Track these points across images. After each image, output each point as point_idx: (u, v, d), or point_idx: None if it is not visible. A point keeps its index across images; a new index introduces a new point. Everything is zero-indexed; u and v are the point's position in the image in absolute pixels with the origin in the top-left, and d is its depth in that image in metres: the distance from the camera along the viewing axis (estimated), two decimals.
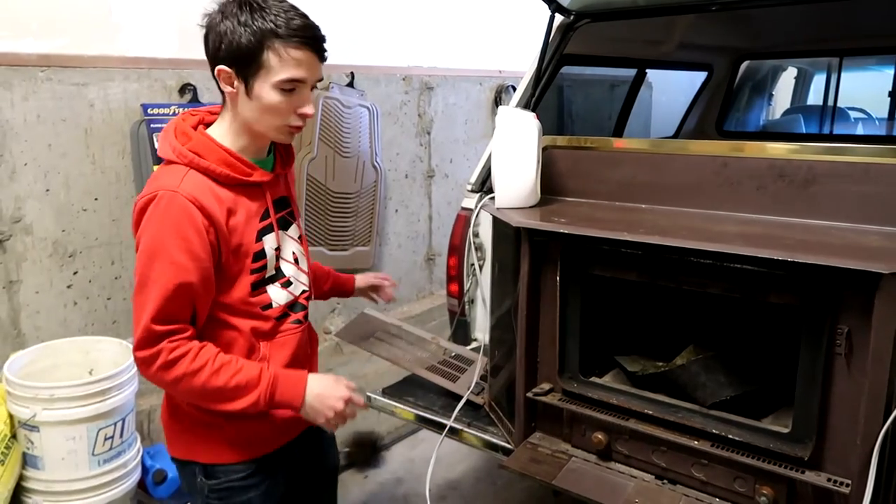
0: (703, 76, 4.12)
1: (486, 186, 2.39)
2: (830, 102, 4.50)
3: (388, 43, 3.68)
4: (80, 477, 2.21)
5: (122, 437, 2.29)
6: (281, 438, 1.55)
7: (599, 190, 2.10)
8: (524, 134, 1.99)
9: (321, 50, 1.38)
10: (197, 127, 1.45)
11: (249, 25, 1.31)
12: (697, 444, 1.58)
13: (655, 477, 1.67)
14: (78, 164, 2.55)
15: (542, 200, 2.04)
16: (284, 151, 1.57)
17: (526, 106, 2.32)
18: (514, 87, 4.14)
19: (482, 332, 2.38)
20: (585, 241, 1.69)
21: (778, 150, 1.81)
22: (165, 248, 1.32)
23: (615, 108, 3.88)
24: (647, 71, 3.66)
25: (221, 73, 1.36)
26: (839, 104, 4.49)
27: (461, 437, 2.00)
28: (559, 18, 2.41)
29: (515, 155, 1.98)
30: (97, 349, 2.43)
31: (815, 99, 5.24)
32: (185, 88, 2.77)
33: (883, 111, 4.49)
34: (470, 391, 2.05)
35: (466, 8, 4.05)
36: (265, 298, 1.47)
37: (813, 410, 1.43)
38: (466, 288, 2.46)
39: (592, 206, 2.05)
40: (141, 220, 1.36)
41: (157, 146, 1.58)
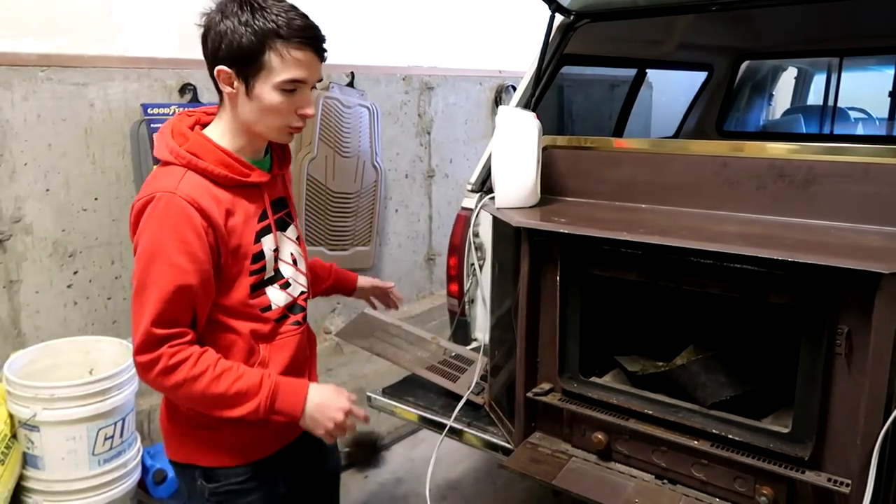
0: (703, 76, 4.12)
1: (486, 186, 2.39)
2: (830, 102, 4.50)
3: (388, 43, 3.68)
4: (80, 477, 2.21)
5: (122, 436, 2.29)
6: (281, 441, 1.54)
7: (599, 190, 2.10)
8: (524, 134, 1.99)
9: (322, 50, 1.37)
10: (193, 127, 1.43)
11: (250, 25, 1.30)
12: (697, 444, 1.58)
13: (655, 477, 1.67)
14: (78, 163, 2.55)
15: (542, 200, 2.04)
16: (281, 152, 1.56)
17: (526, 106, 2.32)
18: (514, 86, 4.14)
19: (482, 331, 2.38)
20: (585, 240, 1.69)
21: (778, 150, 1.81)
22: (164, 250, 1.30)
23: (615, 108, 3.88)
24: (647, 71, 3.65)
25: (221, 73, 1.34)
26: (839, 104, 4.49)
27: (461, 437, 2.00)
28: (559, 18, 2.41)
29: (515, 155, 1.98)
30: (97, 349, 2.44)
31: (815, 99, 5.24)
32: (185, 88, 2.77)
33: (883, 111, 4.50)
34: (470, 391, 2.05)
35: (466, 8, 4.06)
36: (264, 300, 1.46)
37: (813, 410, 1.43)
38: (466, 288, 2.46)
39: (592, 206, 2.05)
40: (139, 222, 1.34)
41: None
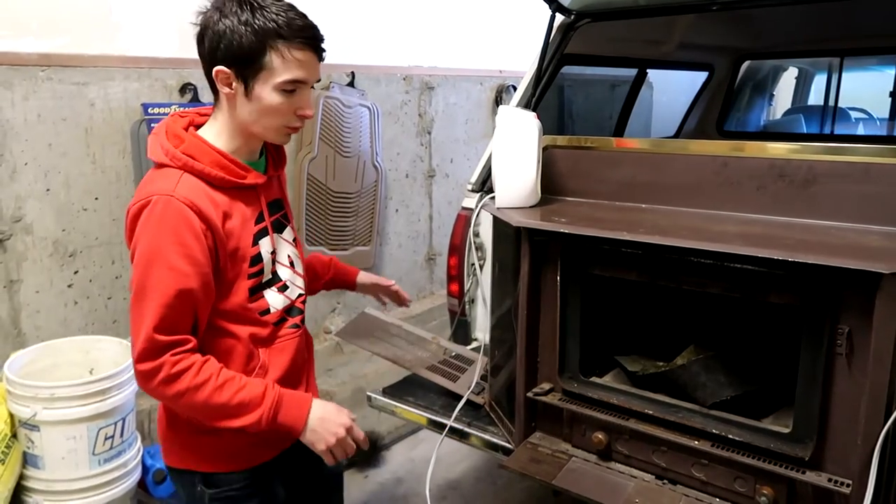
0: (703, 76, 4.12)
1: (486, 186, 2.39)
2: (831, 102, 4.50)
3: (388, 43, 3.68)
4: (80, 476, 2.21)
5: (122, 436, 2.29)
6: (281, 445, 1.52)
7: (600, 190, 2.10)
8: (525, 134, 1.99)
9: (321, 50, 1.36)
10: (188, 128, 1.40)
11: (250, 25, 1.28)
12: (698, 444, 1.58)
13: (655, 477, 1.67)
14: (78, 163, 2.55)
15: (542, 200, 2.04)
16: (276, 153, 1.53)
17: (526, 106, 2.32)
18: (514, 86, 4.15)
19: (482, 331, 2.38)
20: (586, 240, 1.69)
21: (778, 149, 1.81)
22: (163, 253, 1.27)
23: (616, 107, 3.88)
24: (647, 71, 3.65)
25: (219, 73, 1.32)
26: (840, 104, 4.49)
27: (461, 436, 2.00)
28: (560, 18, 2.41)
29: (516, 155, 1.98)
30: (97, 348, 2.44)
31: (815, 99, 5.24)
32: (185, 88, 2.78)
33: (884, 111, 4.49)
34: (470, 391, 2.05)
35: (467, 8, 4.06)
36: (263, 304, 1.44)
37: (813, 410, 1.43)
38: (467, 288, 2.46)
39: (593, 205, 2.05)
40: (135, 226, 1.31)
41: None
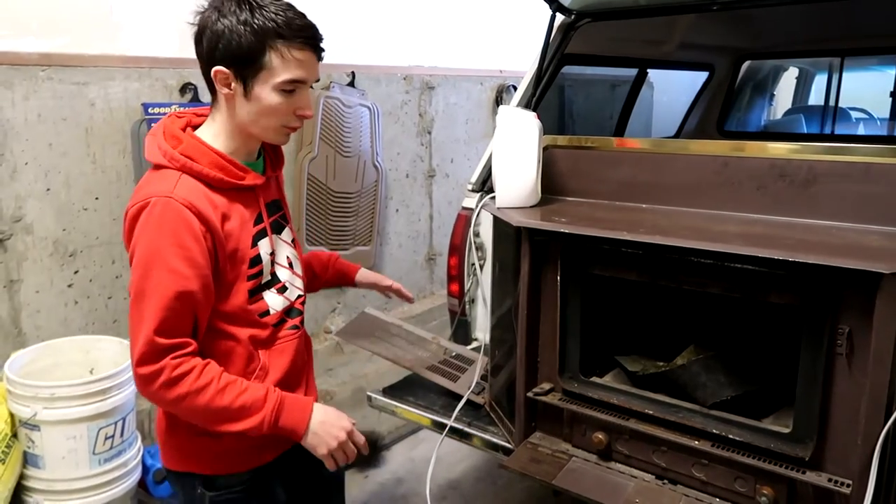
0: (704, 76, 4.12)
1: (486, 186, 2.39)
2: (832, 102, 4.50)
3: (388, 42, 3.68)
4: (80, 476, 2.21)
5: (122, 436, 2.29)
6: (281, 447, 1.51)
7: (600, 190, 2.09)
8: (525, 133, 1.99)
9: (320, 50, 1.35)
10: (185, 129, 1.39)
11: (250, 24, 1.27)
12: (698, 444, 1.58)
13: (656, 477, 1.67)
14: (78, 163, 2.55)
15: (542, 200, 2.04)
16: (273, 153, 1.53)
17: (527, 105, 2.32)
18: (514, 86, 4.14)
19: (483, 331, 2.38)
20: (586, 240, 1.69)
21: (779, 149, 1.81)
22: (162, 256, 1.26)
23: (616, 107, 3.88)
24: (648, 71, 3.65)
25: (218, 74, 1.31)
26: (840, 104, 4.49)
27: (461, 436, 2.00)
28: (560, 18, 2.41)
29: (516, 154, 1.98)
30: (98, 348, 2.44)
31: (816, 99, 5.24)
32: (185, 88, 2.78)
33: (884, 111, 4.49)
34: (470, 391, 2.05)
35: (467, 8, 4.06)
36: (262, 305, 1.43)
37: (814, 411, 1.43)
38: (467, 287, 2.46)
39: (593, 205, 2.05)
40: (133, 228, 1.30)
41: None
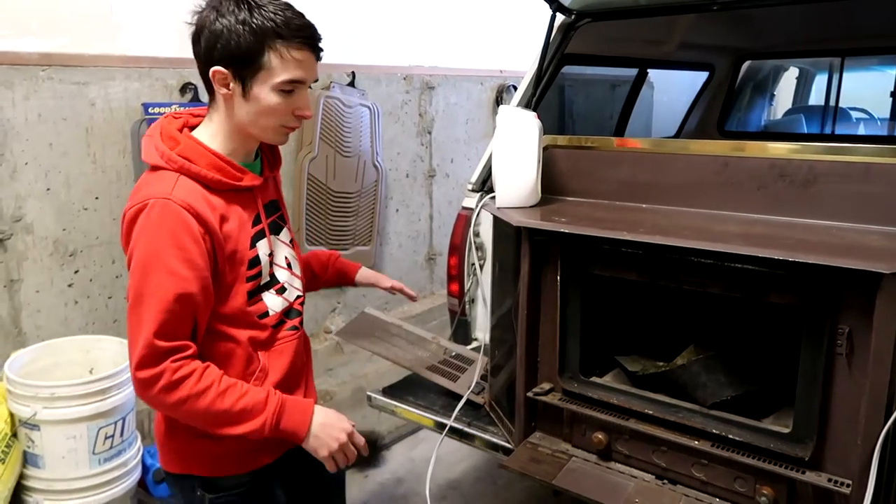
0: (704, 76, 4.12)
1: (486, 186, 2.39)
2: (832, 103, 4.49)
3: (389, 42, 3.68)
4: (80, 475, 2.21)
5: (122, 435, 2.29)
6: (282, 448, 1.50)
7: (600, 190, 2.09)
8: (525, 133, 1.99)
9: (319, 50, 1.35)
10: (182, 130, 1.38)
11: (248, 24, 1.26)
12: (698, 444, 1.58)
13: (655, 477, 1.67)
14: (79, 163, 2.55)
15: (542, 200, 2.04)
16: (271, 154, 1.52)
17: (527, 105, 2.32)
18: (515, 86, 4.14)
19: (483, 331, 2.38)
20: (586, 240, 1.69)
21: (779, 149, 1.81)
22: (161, 258, 1.25)
23: (616, 107, 3.88)
24: (648, 71, 3.65)
25: (216, 74, 1.30)
26: (841, 104, 4.49)
27: (461, 436, 2.00)
28: (560, 18, 2.41)
29: (516, 154, 1.98)
30: (98, 348, 2.44)
31: (816, 99, 5.24)
32: (185, 87, 2.78)
33: (884, 111, 4.49)
34: (470, 391, 2.05)
35: (467, 8, 4.05)
36: (261, 307, 1.42)
37: (814, 411, 1.43)
38: (467, 287, 2.46)
39: (593, 205, 2.05)
40: (131, 231, 1.29)
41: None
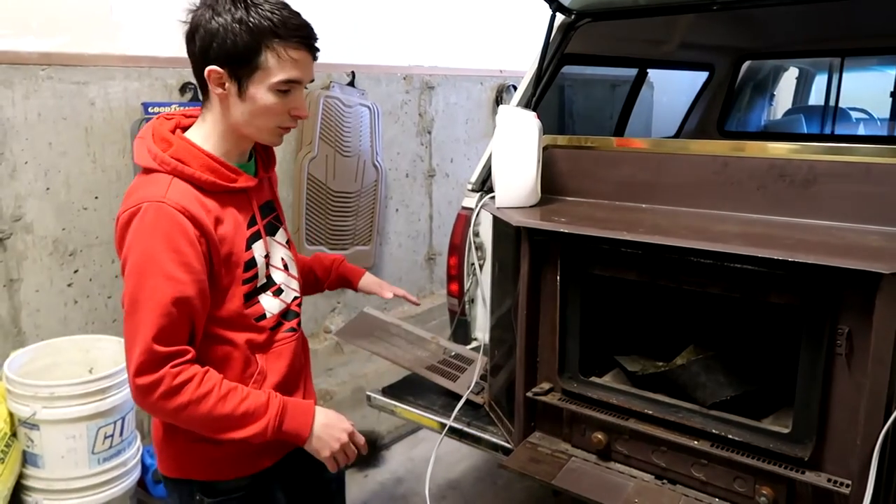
0: (704, 76, 4.12)
1: (486, 186, 2.39)
2: (832, 103, 4.49)
3: (389, 42, 3.68)
4: (79, 475, 2.21)
5: (121, 435, 2.29)
6: (282, 451, 1.50)
7: (600, 189, 2.09)
8: (525, 133, 1.99)
9: (315, 49, 1.34)
10: (174, 131, 1.36)
11: (245, 23, 1.24)
12: (697, 444, 1.58)
13: (655, 477, 1.67)
14: (78, 162, 2.55)
15: (542, 200, 2.04)
16: (265, 154, 1.51)
17: (527, 105, 2.32)
18: (514, 86, 4.14)
19: (482, 331, 2.38)
20: (585, 240, 1.69)
21: (779, 149, 1.81)
22: (157, 262, 1.23)
23: (616, 107, 3.88)
24: (648, 71, 3.65)
25: (212, 73, 1.28)
26: (840, 104, 4.49)
27: (461, 436, 2.00)
28: (560, 18, 2.41)
29: (516, 154, 1.98)
30: (97, 347, 2.44)
31: (816, 99, 5.24)
32: (185, 87, 2.78)
33: (884, 111, 4.49)
34: (470, 390, 2.05)
35: (467, 7, 4.05)
36: (258, 309, 1.41)
37: (813, 411, 1.43)
38: (467, 287, 2.46)
39: (593, 205, 2.05)
40: (125, 235, 1.27)
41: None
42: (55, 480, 2.20)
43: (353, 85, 3.41)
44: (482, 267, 2.38)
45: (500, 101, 4.28)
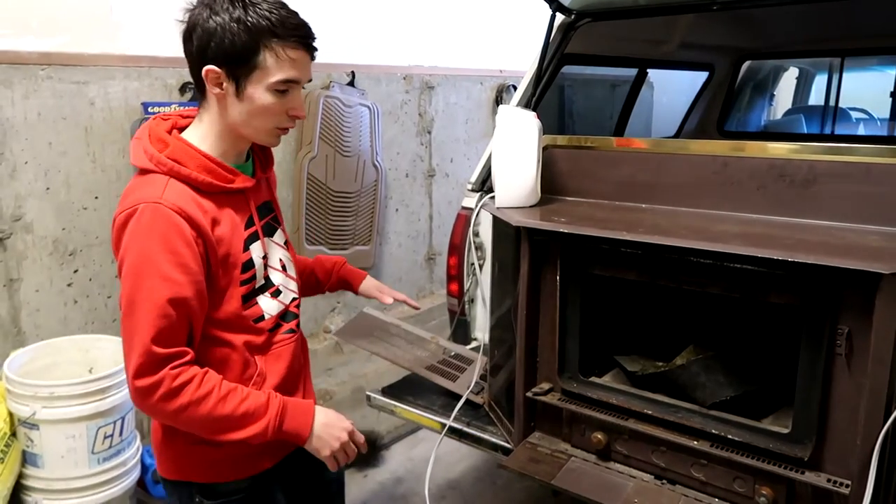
0: (704, 76, 4.12)
1: (486, 186, 2.39)
2: (832, 103, 4.49)
3: (389, 42, 3.68)
4: (79, 475, 2.21)
5: (121, 435, 2.29)
6: (281, 452, 1.49)
7: (600, 189, 2.09)
8: (525, 133, 1.99)
9: (313, 49, 1.33)
10: (171, 132, 1.35)
11: (243, 22, 1.23)
12: (697, 444, 1.58)
13: (655, 477, 1.67)
14: (78, 162, 2.55)
15: (542, 200, 2.04)
16: (263, 154, 1.50)
17: (527, 105, 2.32)
18: (514, 86, 4.14)
19: (482, 331, 2.37)
20: (585, 240, 1.69)
21: (778, 149, 1.81)
22: (154, 263, 1.23)
23: (616, 107, 3.88)
24: (647, 71, 3.65)
25: (209, 73, 1.27)
26: (840, 104, 4.49)
27: (460, 436, 2.00)
28: (560, 18, 2.41)
29: (516, 154, 1.98)
30: (97, 347, 2.44)
31: (816, 99, 5.24)
32: (185, 87, 2.78)
33: (884, 111, 4.49)
34: (469, 390, 2.05)
35: (467, 7, 4.05)
36: (257, 310, 1.40)
37: (813, 411, 1.43)
38: (466, 287, 2.46)
39: (592, 205, 2.05)
40: (122, 237, 1.26)
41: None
42: (55, 480, 2.20)
43: (353, 85, 3.41)
44: (482, 267, 2.38)
45: (500, 101, 4.28)
